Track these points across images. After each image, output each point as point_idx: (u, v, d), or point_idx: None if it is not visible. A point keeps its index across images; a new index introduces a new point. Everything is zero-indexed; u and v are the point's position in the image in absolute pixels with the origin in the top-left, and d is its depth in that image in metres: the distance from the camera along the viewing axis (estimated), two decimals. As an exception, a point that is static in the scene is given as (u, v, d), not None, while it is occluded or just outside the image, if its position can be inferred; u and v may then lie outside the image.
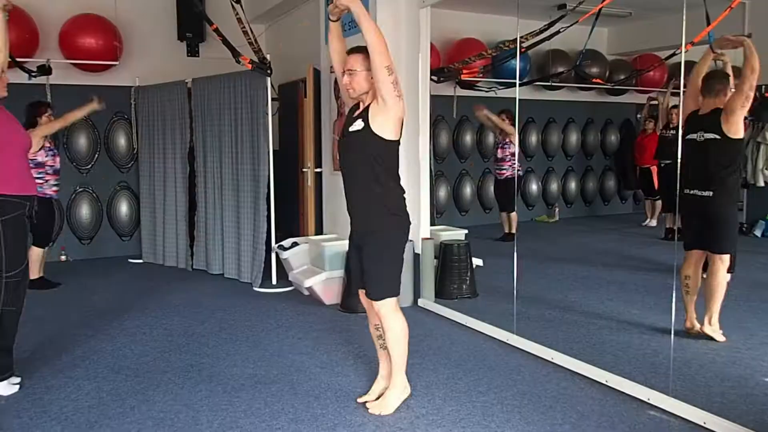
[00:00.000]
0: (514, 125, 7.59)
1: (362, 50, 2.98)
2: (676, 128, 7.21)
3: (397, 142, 3.00)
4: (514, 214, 7.67)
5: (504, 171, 7.68)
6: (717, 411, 3.00)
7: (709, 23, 5.54)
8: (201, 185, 6.39)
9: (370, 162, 2.94)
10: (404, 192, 3.09)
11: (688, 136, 4.05)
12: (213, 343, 4.21)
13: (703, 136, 3.96)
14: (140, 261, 6.97)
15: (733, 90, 4.02)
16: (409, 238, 3.26)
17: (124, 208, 7.36)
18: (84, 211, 7.16)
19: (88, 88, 7.04)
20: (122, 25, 7.10)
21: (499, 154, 7.72)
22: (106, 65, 6.96)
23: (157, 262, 6.85)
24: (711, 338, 4.04)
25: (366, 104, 3.02)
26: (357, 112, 3.06)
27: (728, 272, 5.58)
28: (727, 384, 3.40)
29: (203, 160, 6.35)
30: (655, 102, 8.66)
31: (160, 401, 3.28)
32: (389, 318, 3.04)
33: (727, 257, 4.00)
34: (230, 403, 3.25)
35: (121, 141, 7.28)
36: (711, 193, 3.92)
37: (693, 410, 3.00)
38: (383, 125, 2.92)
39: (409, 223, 3.12)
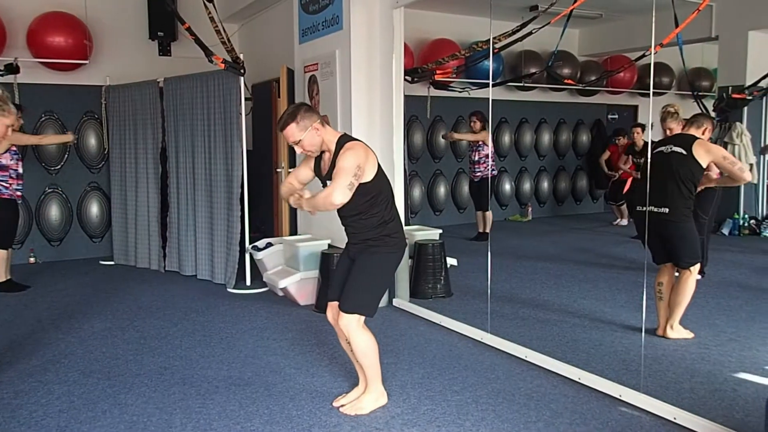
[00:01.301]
0: (485, 126, 7.64)
1: (290, 118, 2.91)
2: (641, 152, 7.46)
3: (378, 173, 2.96)
4: (488, 214, 7.74)
5: (479, 173, 7.74)
6: (687, 406, 3.06)
7: (677, 25, 5.67)
8: (173, 185, 6.32)
9: (359, 199, 2.93)
10: (398, 213, 3.10)
11: (657, 149, 4.14)
12: (186, 345, 4.17)
13: (671, 148, 4.05)
14: (112, 263, 6.87)
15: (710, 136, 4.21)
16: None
17: (94, 209, 7.25)
18: (53, 212, 7.04)
19: (58, 87, 6.96)
20: (92, 23, 6.99)
21: (474, 157, 7.79)
22: (76, 64, 6.84)
23: (129, 264, 6.76)
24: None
25: (331, 155, 2.96)
26: (326, 170, 3.02)
27: (700, 274, 5.71)
28: (696, 380, 3.46)
29: (176, 160, 6.28)
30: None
31: (132, 404, 3.24)
32: (352, 334, 3.02)
33: (696, 267, 4.09)
34: (204, 405, 3.22)
35: (92, 141, 7.17)
36: (666, 210, 4.00)
37: (664, 406, 3.05)
38: (359, 177, 2.88)
39: (405, 244, 3.13)
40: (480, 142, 7.67)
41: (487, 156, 7.64)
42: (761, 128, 8.38)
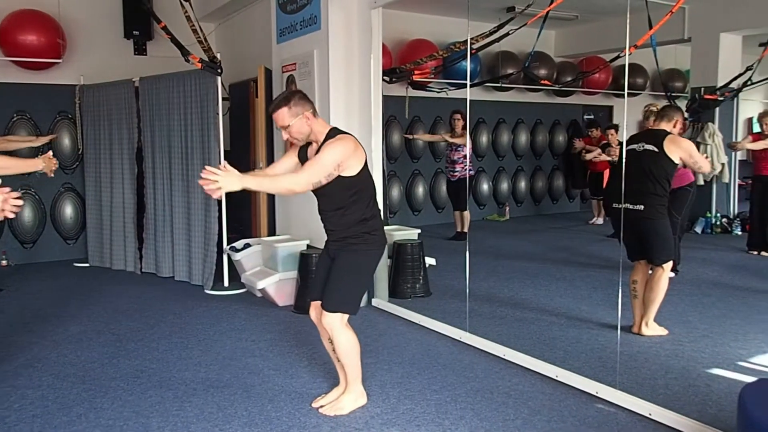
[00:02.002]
0: (465, 125, 7.67)
1: (283, 103, 2.90)
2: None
3: (363, 169, 2.95)
4: (466, 213, 7.77)
5: (456, 173, 7.75)
6: (661, 402, 3.11)
7: (651, 27, 5.75)
8: (150, 186, 6.25)
9: (343, 199, 2.94)
10: (379, 211, 3.09)
11: (629, 147, 4.16)
12: (163, 348, 4.13)
13: (643, 146, 4.09)
14: (86, 265, 6.78)
15: (681, 128, 4.26)
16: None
17: (68, 210, 7.14)
18: (26, 213, 6.92)
19: (30, 86, 6.85)
20: (66, 21, 6.89)
21: (453, 156, 7.79)
22: (49, 63, 6.74)
23: (105, 266, 6.67)
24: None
25: (319, 145, 2.94)
26: (312, 156, 2.98)
27: (673, 271, 5.79)
28: (670, 376, 3.52)
29: (152, 161, 6.22)
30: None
31: (108, 408, 3.20)
32: (335, 332, 3.02)
33: (668, 264, 4.14)
34: (182, 408, 3.20)
35: (66, 141, 7.07)
36: (642, 207, 4.04)
37: (639, 402, 3.10)
38: (342, 169, 2.87)
39: (386, 241, 3.12)
40: (459, 143, 7.68)
41: (465, 156, 7.67)
42: (732, 128, 8.55)
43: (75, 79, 6.92)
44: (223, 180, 2.59)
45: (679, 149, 4.02)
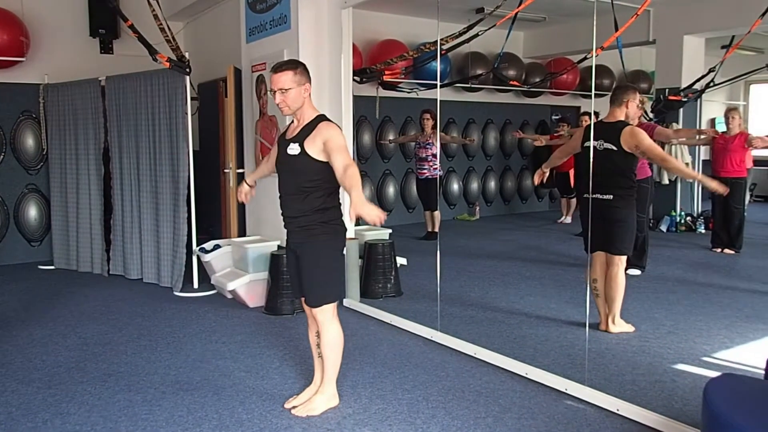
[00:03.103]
0: (435, 125, 7.71)
1: (290, 66, 2.91)
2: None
3: None
4: (437, 213, 7.81)
5: (425, 171, 7.78)
6: (629, 398, 3.16)
7: (617, 29, 5.85)
8: (117, 187, 6.16)
9: (307, 181, 2.93)
10: (341, 204, 3.09)
11: (587, 144, 4.14)
12: (131, 351, 4.07)
13: (602, 145, 4.11)
14: (52, 267, 6.64)
15: (638, 103, 4.19)
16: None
17: (33, 211, 6.99)
18: (-12, 215, 6.76)
19: (-8, 85, 6.69)
20: (29, 19, 6.74)
21: (421, 155, 7.81)
22: (12, 61, 6.58)
23: (71, 268, 6.55)
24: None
25: (302, 123, 2.96)
26: (293, 134, 2.99)
27: (640, 269, 5.86)
28: (637, 372, 3.58)
29: (119, 161, 6.12)
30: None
31: (75, 413, 3.15)
32: (326, 324, 3.05)
33: (623, 258, 4.19)
34: (151, 412, 3.16)
35: (29, 141, 6.91)
36: (611, 197, 4.09)
37: (607, 398, 3.15)
38: (320, 153, 2.88)
39: (345, 229, 3.12)
40: (429, 141, 7.69)
41: (434, 155, 7.69)
42: (696, 128, 8.72)
43: (39, 78, 6.78)
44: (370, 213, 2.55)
45: (633, 140, 3.97)
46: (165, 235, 5.73)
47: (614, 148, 4.05)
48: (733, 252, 6.86)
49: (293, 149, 2.92)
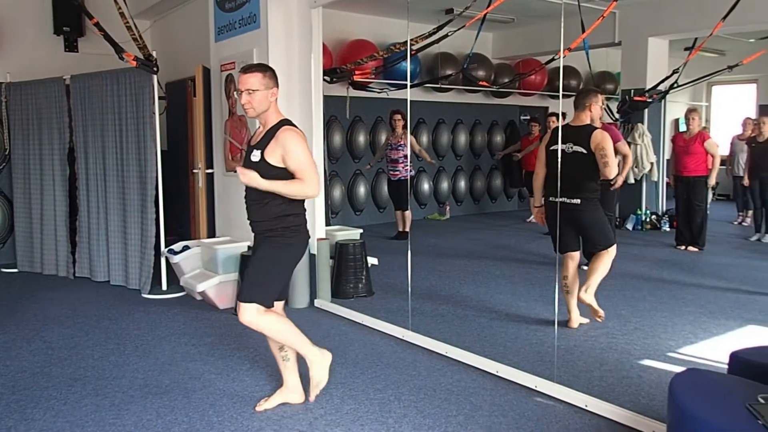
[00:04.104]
0: (405, 125, 7.72)
1: (260, 68, 2.95)
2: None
3: None
4: (408, 213, 7.82)
5: (397, 173, 7.76)
6: (597, 394, 3.22)
7: (584, 31, 5.94)
8: (83, 188, 6.04)
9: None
10: (305, 210, 3.08)
11: (553, 147, 4.22)
12: (98, 355, 4.00)
13: (571, 148, 4.16)
14: (15, 270, 6.49)
15: (600, 104, 4.25)
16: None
17: (-6, 213, 6.83)
18: (-52, 217, 6.58)
19: (-49, 83, 6.51)
20: (-11, 16, 6.60)
21: (393, 156, 7.81)
22: (-28, 59, 6.43)
23: (35, 271, 6.41)
24: (594, 319, 4.28)
25: (265, 128, 2.99)
26: (257, 140, 3.02)
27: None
28: (605, 368, 3.65)
29: (85, 162, 6.01)
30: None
31: (40, 419, 3.08)
32: (256, 322, 2.93)
33: (613, 248, 4.25)
34: (119, 416, 3.11)
35: (-9, 141, 6.75)
36: (578, 201, 4.15)
37: (576, 394, 3.20)
38: (280, 161, 2.91)
39: (308, 237, 3.12)
40: (401, 142, 7.69)
41: (405, 156, 7.71)
42: (660, 129, 8.92)
43: (1, 77, 6.61)
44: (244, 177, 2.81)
45: (601, 143, 4.06)
46: (132, 237, 5.65)
47: (584, 151, 4.10)
48: (696, 249, 7.01)
49: (255, 156, 2.95)
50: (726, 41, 8.81)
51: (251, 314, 2.93)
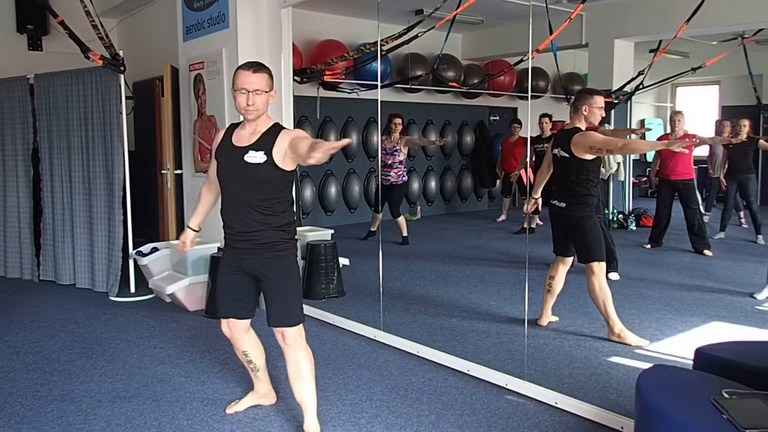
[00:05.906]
0: (404, 130, 7.53)
1: (266, 68, 2.77)
2: (548, 139, 7.67)
3: (294, 170, 2.81)
4: (401, 219, 7.70)
5: (389, 177, 7.57)
6: (567, 391, 3.26)
7: (551, 32, 6.02)
8: (48, 189, 5.92)
9: (273, 191, 2.74)
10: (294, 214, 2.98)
11: (554, 151, 4.24)
12: (65, 359, 3.93)
13: (560, 152, 4.18)
14: (-24, 273, 6.33)
15: (598, 107, 4.09)
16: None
17: (-45, 215, 6.64)
18: None
19: None
20: (-51, 13, 6.42)
21: (388, 161, 7.57)
22: (-70, 57, 6.25)
23: (-3, 274, 6.27)
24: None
25: (259, 131, 2.77)
26: (250, 141, 2.76)
27: (615, 273, 5.77)
28: (574, 365, 3.70)
29: (49, 163, 5.89)
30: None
31: (4, 426, 3.01)
32: (303, 347, 2.87)
33: (596, 265, 4.07)
34: (86, 422, 3.06)
35: (-49, 142, 6.57)
36: (564, 204, 4.15)
37: (546, 392, 3.24)
38: (285, 161, 2.71)
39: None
40: (397, 147, 7.56)
41: (401, 162, 7.53)
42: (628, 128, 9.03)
43: (-39, 75, 6.45)
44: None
45: (584, 145, 3.96)
46: (99, 239, 5.55)
47: (567, 155, 4.09)
48: (710, 254, 6.78)
49: (256, 157, 2.69)
50: (690, 44, 8.98)
51: (299, 337, 2.86)
